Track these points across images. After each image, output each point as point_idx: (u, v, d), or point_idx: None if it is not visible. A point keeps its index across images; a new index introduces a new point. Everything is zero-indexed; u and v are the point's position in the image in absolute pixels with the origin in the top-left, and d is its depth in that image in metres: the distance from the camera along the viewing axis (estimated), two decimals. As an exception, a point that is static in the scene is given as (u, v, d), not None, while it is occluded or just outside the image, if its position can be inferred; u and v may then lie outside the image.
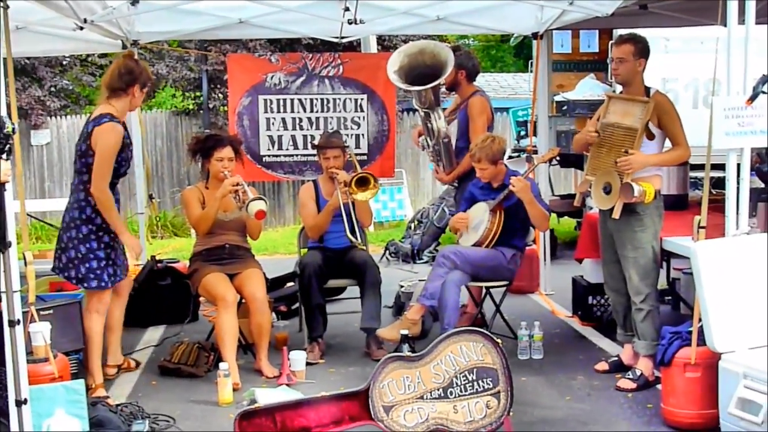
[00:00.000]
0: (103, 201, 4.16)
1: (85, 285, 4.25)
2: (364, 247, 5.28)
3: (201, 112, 12.06)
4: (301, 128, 6.25)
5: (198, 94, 12.09)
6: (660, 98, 4.23)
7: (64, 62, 12.66)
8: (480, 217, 4.93)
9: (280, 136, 6.25)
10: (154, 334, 5.63)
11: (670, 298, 5.85)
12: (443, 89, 5.60)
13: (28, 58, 11.42)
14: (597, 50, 7.58)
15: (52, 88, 12.35)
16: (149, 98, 12.94)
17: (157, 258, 6.00)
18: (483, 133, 5.15)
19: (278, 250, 9.47)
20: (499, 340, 3.60)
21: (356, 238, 5.00)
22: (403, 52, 5.34)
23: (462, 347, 3.57)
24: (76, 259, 4.20)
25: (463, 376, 3.54)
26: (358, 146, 6.25)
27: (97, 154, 4.15)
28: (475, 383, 3.53)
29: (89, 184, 4.17)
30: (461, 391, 3.52)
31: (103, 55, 13.71)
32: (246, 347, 4.93)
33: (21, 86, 11.78)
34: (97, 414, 3.61)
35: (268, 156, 6.27)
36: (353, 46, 10.36)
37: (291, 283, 6.18)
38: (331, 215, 5.08)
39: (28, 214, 4.84)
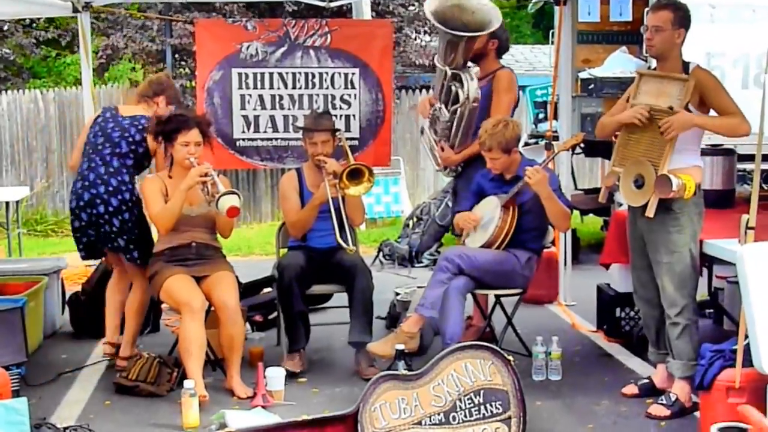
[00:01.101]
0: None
1: (145, 262, 5.02)
2: (354, 249, 5.28)
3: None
4: (282, 107, 6.21)
5: (161, 67, 12.08)
6: (701, 74, 4.23)
7: (4, 28, 12.62)
8: (490, 214, 4.94)
9: (256, 117, 6.20)
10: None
11: (711, 311, 5.88)
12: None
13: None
14: (630, 19, 7.53)
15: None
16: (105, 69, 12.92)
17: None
18: (506, 114, 5.15)
19: (254, 251, 9.49)
20: (510, 358, 3.63)
21: (346, 243, 4.99)
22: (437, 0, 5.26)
23: (467, 365, 3.59)
24: (136, 240, 5.03)
25: (468, 399, 3.56)
26: (348, 129, 6.21)
27: (158, 151, 5.05)
28: (482, 407, 3.55)
29: (134, 169, 5.10)
30: (466, 416, 3.55)
31: (49, 21, 13.71)
32: (215, 363, 4.94)
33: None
34: (42, 438, 3.63)
35: (243, 140, 6.22)
36: (343, 12, 10.37)
37: (268, 289, 6.20)
38: (317, 211, 5.09)
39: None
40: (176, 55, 11.94)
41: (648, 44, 4.31)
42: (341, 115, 6.19)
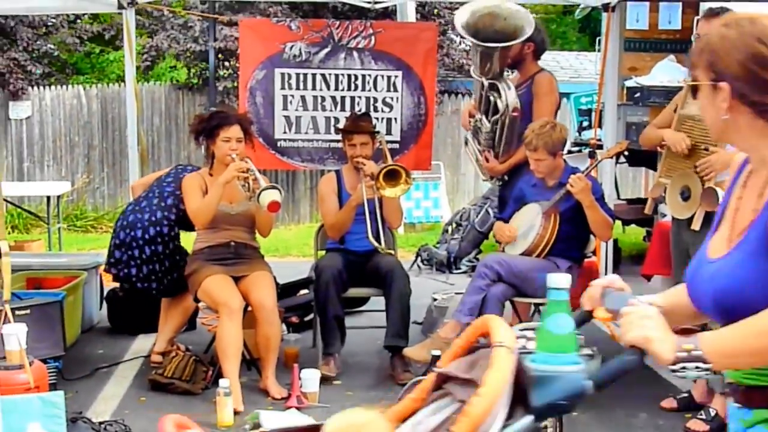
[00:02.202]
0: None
1: (166, 295, 5.21)
2: (392, 252, 5.31)
3: (206, 87, 12.17)
4: (324, 109, 6.23)
5: (203, 65, 12.21)
6: None
7: (49, 23, 12.83)
8: (530, 222, 4.94)
9: (298, 117, 6.23)
10: (144, 342, 5.72)
11: (754, 326, 5.81)
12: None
13: (5, 17, 11.58)
14: (679, 27, 7.50)
15: (35, 52, 12.52)
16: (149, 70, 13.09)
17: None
18: (549, 117, 5.15)
19: (291, 252, 9.55)
20: (548, 367, 3.62)
21: (380, 243, 5.01)
22: (470, 9, 5.25)
23: (504, 373, 3.59)
24: (160, 272, 5.08)
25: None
26: (389, 132, 6.21)
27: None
28: (518, 416, 3.54)
29: (177, 224, 5.14)
30: (501, 424, 3.54)
31: (93, 17, 13.92)
32: (250, 362, 4.99)
33: (-1, 48, 12.01)
34: (77, 432, 3.69)
35: (284, 140, 6.25)
36: (388, 14, 10.41)
37: (305, 291, 6.23)
38: (354, 212, 5.12)
39: (3, 199, 5.03)
40: (219, 55, 12.03)
41: None
42: (383, 118, 6.20)
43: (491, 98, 5.28)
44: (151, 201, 5.14)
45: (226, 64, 11.77)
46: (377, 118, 6.01)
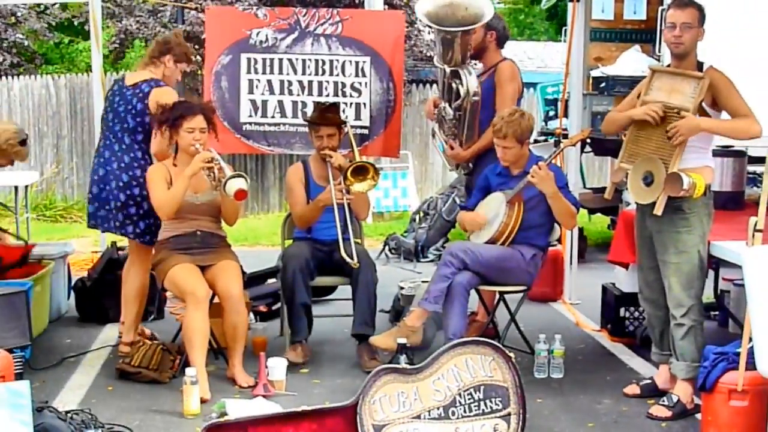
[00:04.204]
0: (164, 158, 4.98)
1: (143, 239, 5.05)
2: (359, 241, 5.28)
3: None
4: (291, 93, 6.12)
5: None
6: (715, 74, 4.17)
7: (18, 13, 12.64)
8: (495, 210, 4.93)
9: (264, 102, 6.12)
10: (112, 331, 5.65)
11: (716, 313, 5.86)
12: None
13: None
14: (644, 17, 7.49)
15: (3, 42, 12.34)
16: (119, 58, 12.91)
17: (119, 245, 6.00)
18: (512, 104, 5.14)
19: (260, 241, 9.47)
20: (512, 354, 3.62)
21: (350, 257, 4.95)
22: (431, 2, 5.27)
23: (468, 360, 3.59)
24: (136, 216, 4.99)
25: (468, 394, 3.56)
26: (358, 117, 6.09)
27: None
28: (482, 403, 3.55)
29: (145, 144, 5.02)
30: (465, 411, 3.54)
31: (63, 8, 13.73)
32: (217, 351, 4.95)
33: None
34: (43, 421, 3.64)
35: (249, 124, 6.13)
36: (356, 5, 10.34)
37: (273, 280, 6.20)
38: (321, 211, 5.10)
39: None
40: (188, 42, 11.91)
41: (676, 41, 4.20)
42: (351, 103, 6.11)
43: (453, 85, 5.28)
44: (113, 149, 5.04)
45: (195, 49, 11.63)
46: (345, 103, 5.94)
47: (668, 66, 4.36)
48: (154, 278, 5.14)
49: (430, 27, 5.27)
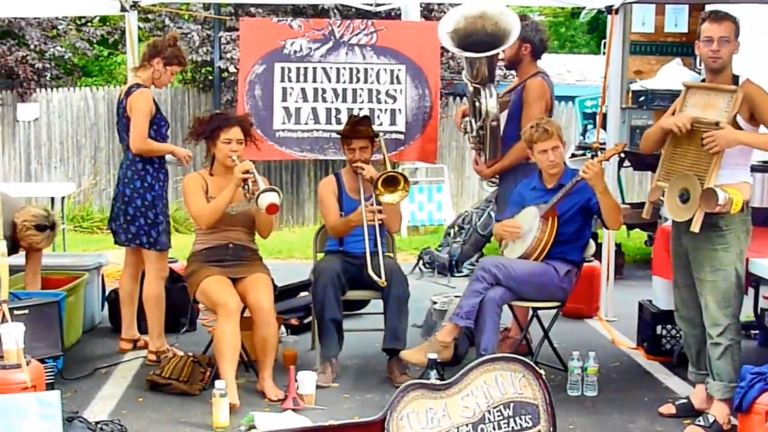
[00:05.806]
0: (146, 148, 5.18)
1: (158, 247, 5.26)
2: (391, 255, 5.29)
3: (212, 89, 12.21)
4: (325, 100, 6.12)
5: (208, 69, 12.26)
6: (751, 87, 4.14)
7: (59, 26, 12.88)
8: (528, 225, 4.92)
9: (298, 109, 6.14)
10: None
11: (756, 332, 5.78)
12: (501, 66, 5.54)
13: (13, 18, 11.60)
14: (686, 30, 7.44)
15: (44, 55, 12.57)
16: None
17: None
18: None
19: (294, 254, 9.53)
20: (542, 371, 3.60)
21: (378, 275, 4.95)
22: (460, 13, 5.29)
23: (498, 377, 3.58)
24: (146, 225, 5.21)
25: (497, 411, 3.54)
26: (393, 123, 6.11)
27: (132, 119, 5.15)
28: (512, 420, 3.53)
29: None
30: (494, 428, 3.53)
31: (102, 21, 13.98)
32: (248, 364, 4.99)
33: (7, 49, 12.02)
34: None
35: (282, 131, 6.14)
36: (391, 18, 10.38)
37: (305, 293, 6.22)
38: (352, 229, 5.14)
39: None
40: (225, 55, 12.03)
41: (714, 56, 4.18)
42: (386, 110, 6.11)
43: (476, 103, 5.34)
44: (123, 165, 5.29)
45: (230, 64, 11.78)
46: (380, 110, 5.96)
47: (703, 80, 4.33)
48: (187, 290, 5.19)
49: (448, 50, 5.32)
